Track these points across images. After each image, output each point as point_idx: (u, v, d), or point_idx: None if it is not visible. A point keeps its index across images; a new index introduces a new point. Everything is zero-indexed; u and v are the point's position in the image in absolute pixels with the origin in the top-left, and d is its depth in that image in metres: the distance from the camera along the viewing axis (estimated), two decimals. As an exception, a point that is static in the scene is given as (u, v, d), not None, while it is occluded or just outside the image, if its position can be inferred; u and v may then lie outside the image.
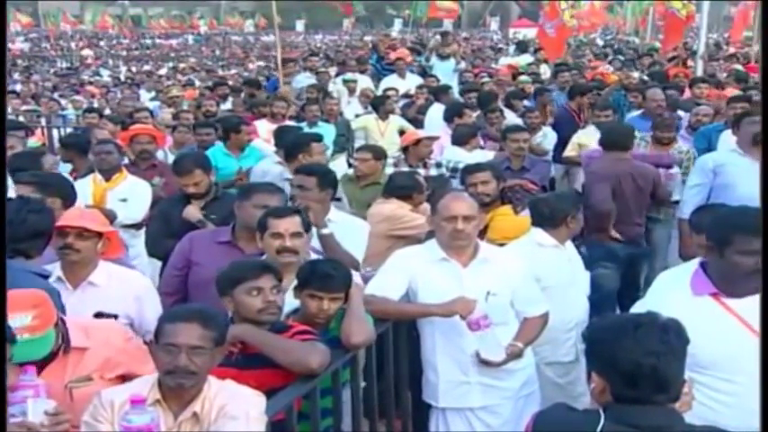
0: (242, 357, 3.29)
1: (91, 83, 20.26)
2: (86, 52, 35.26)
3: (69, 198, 4.46)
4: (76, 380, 3.03)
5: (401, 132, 8.57)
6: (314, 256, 4.04)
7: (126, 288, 3.81)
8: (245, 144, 7.42)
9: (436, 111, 9.40)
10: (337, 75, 13.74)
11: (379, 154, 6.55)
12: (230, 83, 14.90)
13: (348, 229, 4.67)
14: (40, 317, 2.88)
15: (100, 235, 3.86)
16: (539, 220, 4.60)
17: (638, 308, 3.11)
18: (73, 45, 40.15)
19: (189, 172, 5.20)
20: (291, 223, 3.86)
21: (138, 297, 3.84)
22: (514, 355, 3.86)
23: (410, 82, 12.60)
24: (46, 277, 3.54)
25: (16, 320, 2.79)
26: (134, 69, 25.88)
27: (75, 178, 6.22)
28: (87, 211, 4.19)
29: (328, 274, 3.59)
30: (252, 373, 3.21)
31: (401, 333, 4.04)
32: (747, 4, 14.44)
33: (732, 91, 9.19)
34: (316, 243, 4.42)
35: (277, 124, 8.32)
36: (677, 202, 6.24)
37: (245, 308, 3.35)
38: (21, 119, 11.76)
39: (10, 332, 2.68)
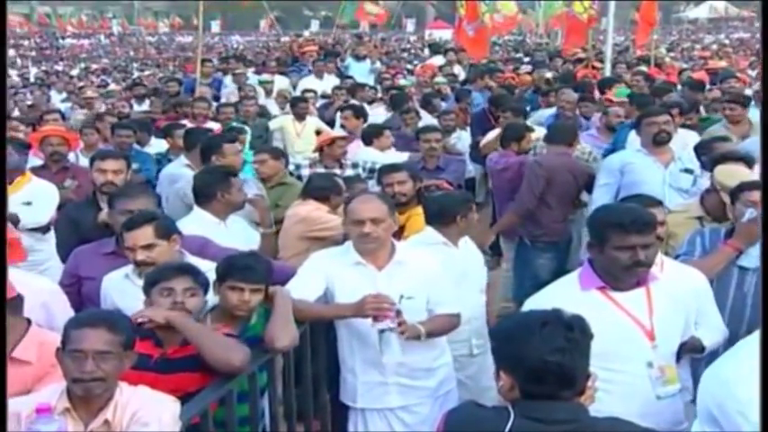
0: (161, 361, 3.27)
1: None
2: (11, 52, 34.10)
3: None
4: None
5: (318, 133, 8.59)
6: (188, 256, 3.99)
7: (31, 295, 3.69)
8: None
9: None
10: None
11: (277, 153, 6.57)
12: (146, 84, 14.65)
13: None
14: None
15: None
16: (430, 218, 4.65)
17: (529, 304, 3.22)
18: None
19: (115, 158, 5.27)
20: (140, 236, 3.83)
21: (44, 304, 3.72)
22: (411, 332, 3.74)
23: (327, 83, 12.63)
24: None
25: None
26: (44, 69, 25.14)
27: None
28: None
29: (249, 266, 3.61)
30: (170, 378, 3.19)
31: (319, 334, 4.05)
32: (643, 5, 14.85)
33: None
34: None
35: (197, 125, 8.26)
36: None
37: None
38: None
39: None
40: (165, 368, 3.24)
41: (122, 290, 3.88)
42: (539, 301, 3.11)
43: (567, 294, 3.19)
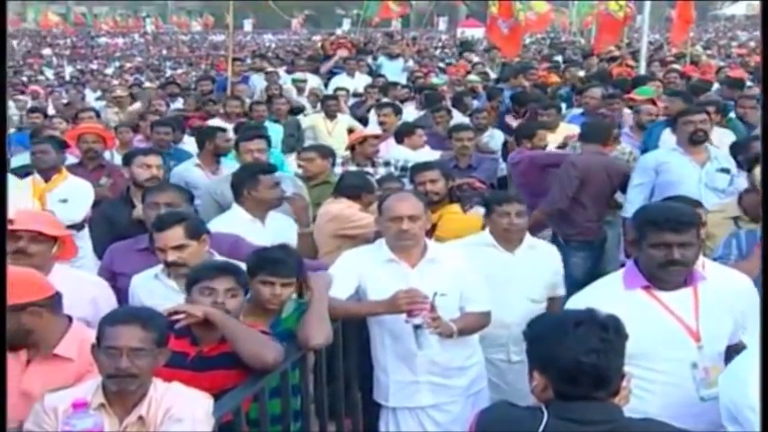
0: (197, 359, 3.29)
1: (33, 82, 19.85)
2: (47, 51, 34.64)
3: None
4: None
5: (350, 131, 8.59)
6: (217, 256, 4.01)
7: (81, 291, 3.74)
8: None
9: None
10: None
11: (326, 152, 6.55)
12: (179, 82, 14.75)
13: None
14: None
15: (54, 238, 3.80)
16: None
17: (572, 303, 3.19)
18: (15, 44, 39.30)
19: (156, 154, 5.46)
20: (170, 237, 3.84)
21: (93, 299, 3.78)
22: (445, 331, 3.75)
23: (359, 81, 12.64)
24: None
25: None
26: (79, 68, 25.47)
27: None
28: (40, 214, 4.13)
29: (280, 259, 3.62)
30: (206, 375, 3.21)
31: (350, 332, 4.05)
32: (679, 3, 14.69)
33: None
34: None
35: (231, 123, 8.34)
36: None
37: None
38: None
39: None
40: (201, 366, 3.26)
41: (151, 290, 3.91)
42: (582, 300, 3.07)
43: (610, 293, 3.15)
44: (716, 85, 10.84)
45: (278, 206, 5.02)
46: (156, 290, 3.89)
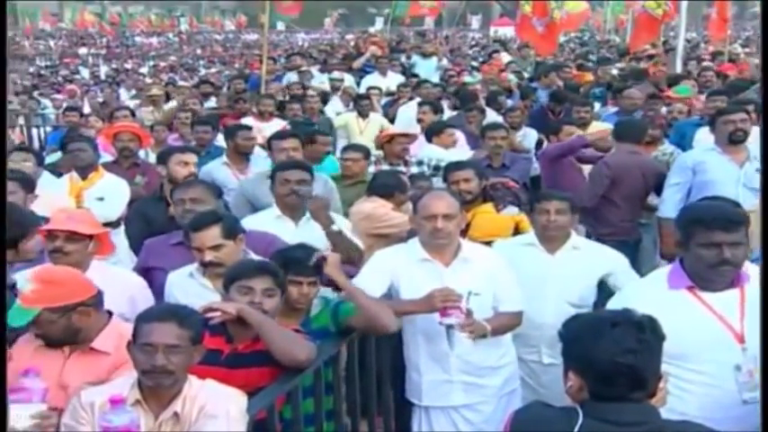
0: (232, 356, 3.30)
1: (70, 81, 20.12)
2: (83, 51, 35.17)
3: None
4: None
5: (382, 131, 8.58)
6: (252, 255, 4.01)
7: (119, 288, 3.77)
8: (323, 155, 6.72)
9: (410, 107, 9.46)
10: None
11: (367, 153, 6.58)
12: (213, 81, 14.85)
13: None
14: (37, 292, 3.05)
15: (90, 236, 3.85)
16: None
17: (614, 302, 3.15)
18: (52, 44, 39.85)
19: (192, 152, 5.56)
20: (207, 237, 3.84)
21: (131, 297, 3.82)
22: (478, 331, 3.73)
23: (392, 80, 12.62)
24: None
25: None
26: (115, 67, 25.78)
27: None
28: (76, 213, 4.18)
29: (301, 259, 3.64)
30: (240, 373, 3.22)
31: (383, 331, 4.04)
32: (718, 4, 14.51)
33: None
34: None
35: (264, 122, 8.37)
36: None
37: None
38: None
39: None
40: (235, 363, 3.27)
41: (186, 288, 3.93)
42: (625, 300, 3.03)
43: (653, 293, 3.12)
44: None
45: (298, 203, 4.85)
46: (190, 288, 3.90)
